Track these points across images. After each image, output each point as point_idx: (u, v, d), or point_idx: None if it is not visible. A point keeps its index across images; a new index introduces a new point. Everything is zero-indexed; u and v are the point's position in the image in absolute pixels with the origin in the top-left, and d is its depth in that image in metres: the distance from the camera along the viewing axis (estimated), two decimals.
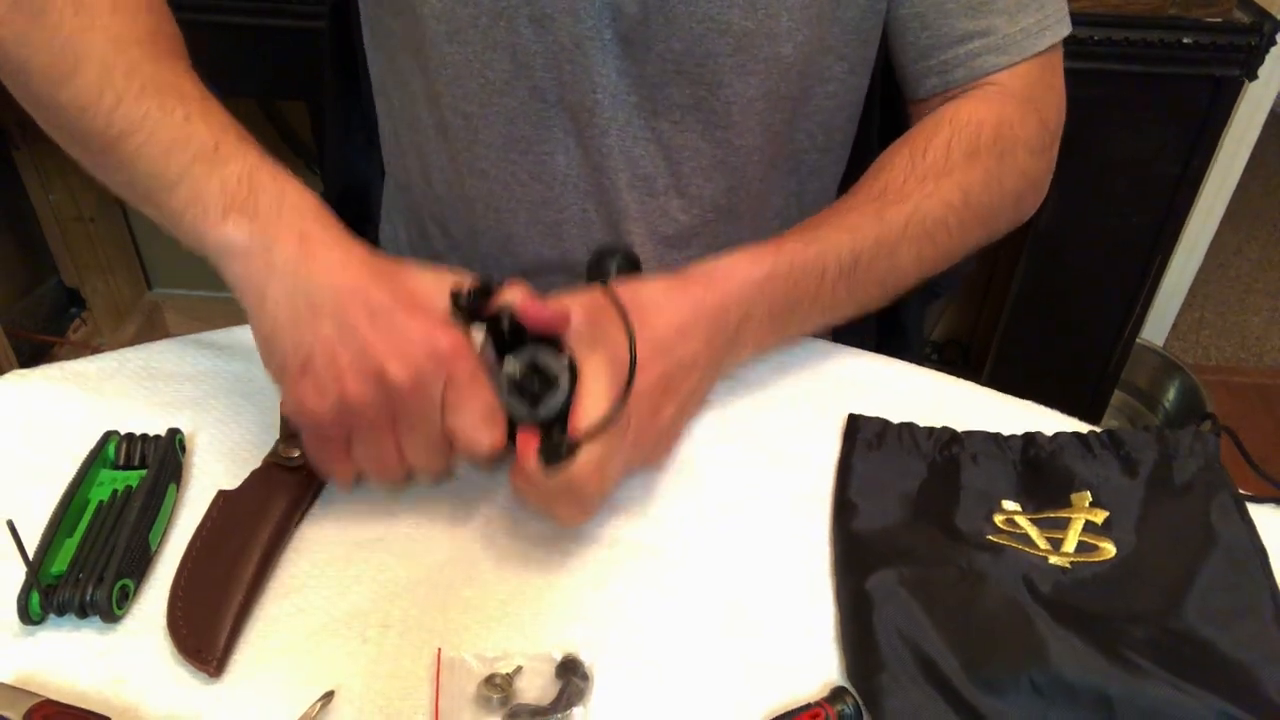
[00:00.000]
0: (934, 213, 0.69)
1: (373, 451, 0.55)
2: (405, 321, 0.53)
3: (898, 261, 0.69)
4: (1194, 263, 2.03)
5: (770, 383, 0.69)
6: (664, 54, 0.69)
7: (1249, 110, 1.75)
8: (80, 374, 0.67)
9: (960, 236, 0.71)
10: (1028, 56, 0.72)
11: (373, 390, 0.52)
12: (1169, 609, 0.52)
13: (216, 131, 0.57)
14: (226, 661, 0.51)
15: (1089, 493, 0.59)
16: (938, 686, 0.49)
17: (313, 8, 1.31)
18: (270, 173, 0.56)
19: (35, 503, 0.56)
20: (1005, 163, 0.72)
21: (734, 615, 0.55)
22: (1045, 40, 0.72)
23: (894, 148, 0.73)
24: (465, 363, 0.53)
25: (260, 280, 0.54)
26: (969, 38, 0.72)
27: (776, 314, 0.65)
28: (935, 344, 2.03)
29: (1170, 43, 1.26)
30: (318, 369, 0.52)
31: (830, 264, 0.65)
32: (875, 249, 0.67)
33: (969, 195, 0.70)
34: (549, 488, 0.54)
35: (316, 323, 0.53)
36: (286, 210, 0.55)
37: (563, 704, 0.49)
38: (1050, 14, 0.72)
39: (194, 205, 0.55)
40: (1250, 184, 2.18)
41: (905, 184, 0.69)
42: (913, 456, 0.62)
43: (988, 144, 0.71)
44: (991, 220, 0.73)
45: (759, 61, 0.69)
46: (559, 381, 0.54)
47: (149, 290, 2.12)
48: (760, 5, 0.67)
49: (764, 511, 0.60)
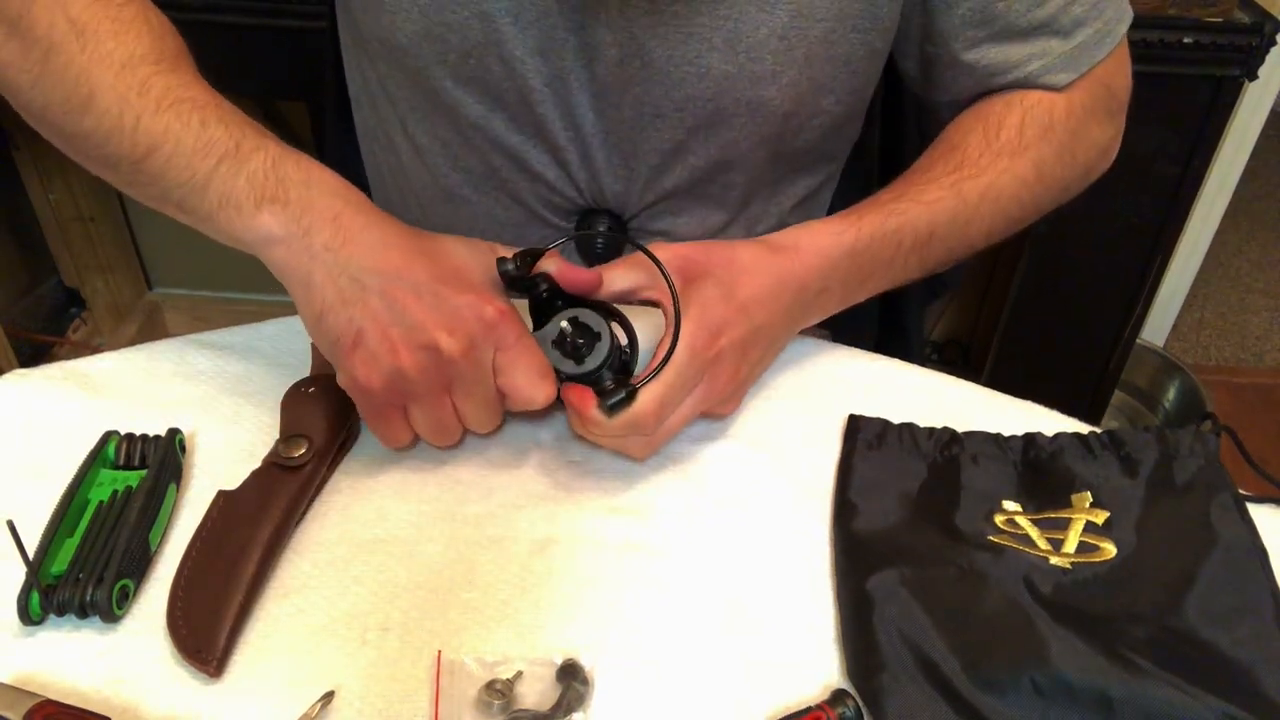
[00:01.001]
0: (1009, 189, 0.70)
1: (431, 415, 0.58)
2: (451, 295, 0.55)
3: (969, 233, 0.71)
4: (1194, 263, 2.03)
5: (771, 383, 0.69)
6: (641, 98, 0.69)
7: (1249, 110, 1.75)
8: (80, 374, 0.67)
9: (1033, 208, 0.73)
10: (1086, 71, 0.72)
11: (426, 361, 0.55)
12: (1169, 609, 0.52)
13: (235, 131, 0.58)
14: (226, 662, 0.51)
15: (1089, 493, 0.59)
16: (938, 687, 0.49)
17: (313, 8, 1.31)
18: (294, 161, 0.58)
19: (35, 503, 0.56)
20: (1078, 137, 0.73)
21: (734, 616, 0.55)
22: (1105, 48, 0.72)
23: (967, 123, 0.74)
24: (512, 326, 0.57)
25: (303, 266, 0.56)
26: (1026, 62, 0.71)
27: (851, 285, 0.68)
28: (935, 344, 2.03)
29: (1170, 43, 1.26)
30: (371, 344, 0.55)
31: (907, 237, 0.67)
32: (950, 223, 0.69)
33: (1042, 170, 0.72)
34: (613, 428, 0.57)
35: (365, 299, 0.55)
36: (316, 195, 0.57)
37: (563, 709, 0.49)
38: (1110, 17, 0.71)
39: (226, 205, 0.57)
40: (1250, 184, 2.18)
41: (981, 158, 0.70)
42: (913, 457, 0.62)
43: (1061, 120, 0.72)
44: (1063, 191, 0.75)
45: (741, 105, 0.69)
46: (601, 336, 0.58)
47: (149, 290, 2.12)
48: (741, 49, 0.66)
49: (764, 512, 0.60)
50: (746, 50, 0.67)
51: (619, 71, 0.68)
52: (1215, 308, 2.34)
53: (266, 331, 0.70)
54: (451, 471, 0.62)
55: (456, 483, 0.61)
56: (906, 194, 0.69)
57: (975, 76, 0.73)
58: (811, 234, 0.66)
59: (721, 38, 0.66)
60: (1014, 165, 0.71)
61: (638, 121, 0.71)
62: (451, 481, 0.61)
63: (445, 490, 0.61)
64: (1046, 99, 0.72)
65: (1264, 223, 2.62)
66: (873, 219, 0.67)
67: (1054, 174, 0.73)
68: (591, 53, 0.68)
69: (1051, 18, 0.69)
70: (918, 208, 0.68)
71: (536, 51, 0.68)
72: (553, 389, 0.58)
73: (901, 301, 1.00)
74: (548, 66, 0.68)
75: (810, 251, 0.65)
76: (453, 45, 0.68)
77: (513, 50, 0.68)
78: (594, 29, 0.67)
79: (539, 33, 0.67)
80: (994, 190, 0.70)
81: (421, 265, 0.56)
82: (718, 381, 0.61)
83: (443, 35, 0.68)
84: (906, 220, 0.67)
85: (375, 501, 0.60)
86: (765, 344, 0.64)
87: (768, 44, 0.66)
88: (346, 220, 0.56)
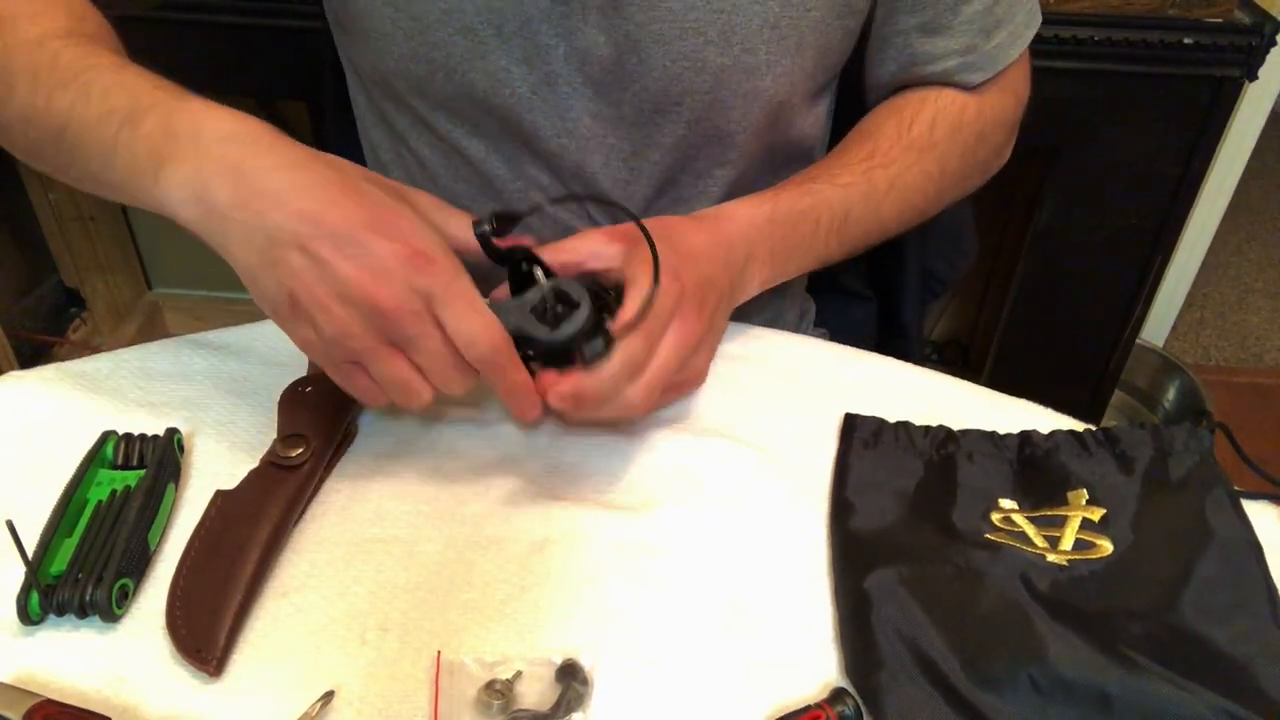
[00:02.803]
0: (915, 182, 0.75)
1: (388, 373, 0.54)
2: (374, 243, 0.50)
3: (882, 216, 0.75)
4: (1194, 263, 2.03)
5: (768, 383, 0.69)
6: (640, 94, 0.70)
7: (1249, 110, 1.75)
8: (79, 374, 0.67)
9: (936, 200, 0.78)
10: (1001, 69, 0.76)
11: (361, 317, 0.51)
12: (1166, 605, 0.53)
13: (134, 94, 0.54)
14: (226, 661, 0.51)
15: (1085, 490, 0.59)
16: (936, 685, 0.49)
17: (313, 8, 1.30)
18: (186, 111, 0.53)
19: (34, 503, 0.56)
20: (982, 138, 0.79)
21: (733, 615, 0.55)
22: (1017, 49, 0.77)
23: (882, 115, 0.77)
24: (441, 271, 0.52)
25: (214, 228, 0.52)
26: (948, 56, 0.75)
27: (777, 254, 0.70)
28: (935, 344, 2.03)
29: (1170, 43, 1.26)
30: (305, 306, 0.51)
31: (824, 215, 0.71)
32: (864, 205, 0.73)
33: (945, 168, 0.77)
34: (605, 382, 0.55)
35: (286, 259, 0.50)
36: (209, 145, 0.51)
37: (562, 709, 0.49)
38: (1020, 22, 0.76)
39: (133, 174, 0.53)
40: (1250, 184, 2.18)
41: (891, 150, 0.74)
42: (909, 455, 0.62)
43: (969, 122, 0.77)
44: (963, 186, 0.81)
45: (738, 96, 0.70)
46: (580, 305, 0.55)
47: (149, 290, 2.12)
48: (736, 40, 0.67)
49: (762, 511, 0.61)
50: (741, 42, 0.67)
51: (615, 71, 0.68)
52: (1215, 308, 2.34)
53: (264, 331, 0.71)
54: (450, 471, 0.62)
55: (455, 482, 0.61)
56: (820, 176, 0.72)
57: (899, 63, 0.76)
58: (732, 206, 0.69)
59: (716, 30, 0.67)
60: (921, 160, 0.75)
61: (637, 119, 0.71)
62: (450, 481, 0.61)
63: (443, 490, 0.61)
64: (959, 99, 0.77)
65: (1264, 223, 2.62)
66: (789, 195, 0.70)
67: (956, 171, 0.78)
68: (583, 56, 0.68)
69: (977, 15, 0.73)
70: (831, 189, 0.71)
71: (522, 60, 0.68)
72: (498, 330, 0.53)
73: (901, 302, 1.00)
74: (534, 74, 0.69)
75: (730, 219, 0.67)
76: (438, 64, 0.69)
77: (497, 61, 0.68)
78: (584, 32, 0.67)
79: (523, 41, 0.68)
80: (901, 181, 0.74)
81: (340, 210, 0.51)
82: (687, 321, 0.59)
83: (428, 55, 0.69)
84: (821, 199, 0.71)
85: (373, 501, 0.60)
86: (716, 296, 0.63)
87: (761, 34, 0.67)
88: (246, 168, 0.51)
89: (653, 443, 0.64)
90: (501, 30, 0.67)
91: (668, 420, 0.66)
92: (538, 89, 0.70)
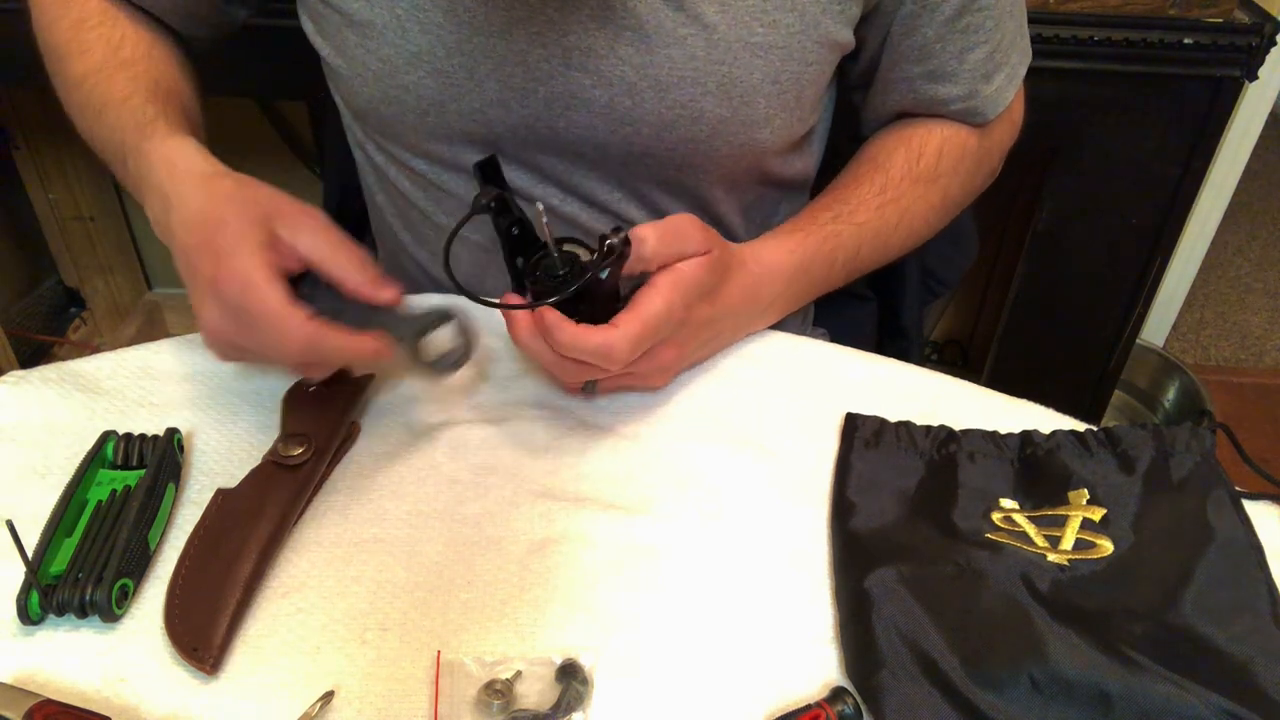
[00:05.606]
0: (920, 212, 0.78)
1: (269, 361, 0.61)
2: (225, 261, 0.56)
3: (889, 247, 0.79)
4: (1194, 263, 2.03)
5: (769, 383, 0.69)
6: (631, 139, 0.70)
7: (1249, 110, 1.75)
8: (79, 374, 0.67)
9: (936, 226, 0.82)
10: (1001, 111, 0.79)
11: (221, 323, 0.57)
12: (1166, 605, 0.53)
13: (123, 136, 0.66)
14: (223, 659, 0.51)
15: (1086, 490, 0.59)
16: (937, 684, 0.49)
17: None
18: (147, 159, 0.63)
19: (34, 503, 0.56)
20: (980, 166, 0.82)
21: (733, 614, 0.55)
22: (1013, 89, 0.79)
23: (892, 144, 0.79)
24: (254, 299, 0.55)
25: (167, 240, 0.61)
26: (951, 100, 0.77)
27: (793, 297, 0.73)
28: (935, 344, 2.03)
29: (1170, 43, 1.26)
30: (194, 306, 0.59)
31: (840, 256, 0.75)
32: (874, 241, 0.77)
33: (948, 197, 0.80)
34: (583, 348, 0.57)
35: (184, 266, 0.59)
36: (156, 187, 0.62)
37: (562, 709, 0.49)
38: (1015, 61, 0.78)
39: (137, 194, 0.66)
40: (1250, 184, 2.18)
41: (901, 184, 0.76)
42: (910, 455, 0.62)
43: (972, 153, 0.80)
44: (959, 208, 0.84)
45: (735, 147, 0.71)
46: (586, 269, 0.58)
47: (149, 290, 2.12)
48: (735, 93, 0.68)
49: (762, 510, 0.61)
50: (740, 95, 0.68)
51: (606, 115, 0.68)
52: (1215, 308, 2.34)
53: None
54: (450, 472, 0.62)
55: (455, 483, 0.61)
56: (841, 215, 0.75)
57: (902, 105, 0.78)
58: (769, 250, 0.71)
59: (715, 82, 0.67)
60: (928, 193, 0.78)
61: (626, 159, 0.71)
62: (449, 481, 0.61)
63: (443, 490, 0.61)
64: (964, 131, 0.79)
65: (1264, 223, 2.62)
66: (816, 239, 0.73)
67: (956, 198, 0.81)
68: (568, 100, 0.68)
69: (979, 62, 0.74)
70: (850, 229, 0.75)
71: (497, 103, 0.68)
72: (298, 341, 0.56)
73: (901, 302, 1.00)
74: (510, 116, 0.69)
75: (768, 265, 0.70)
76: (409, 106, 0.70)
77: (471, 104, 0.69)
78: (567, 75, 0.67)
79: (498, 84, 0.68)
80: (909, 214, 0.77)
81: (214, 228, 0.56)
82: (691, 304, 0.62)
83: (399, 98, 0.69)
84: (841, 242, 0.74)
85: (374, 501, 0.60)
86: (710, 335, 0.67)
87: (760, 89, 0.68)
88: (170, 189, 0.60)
89: (653, 443, 0.64)
90: (474, 73, 0.67)
91: (668, 420, 0.66)
92: (515, 129, 0.70)
